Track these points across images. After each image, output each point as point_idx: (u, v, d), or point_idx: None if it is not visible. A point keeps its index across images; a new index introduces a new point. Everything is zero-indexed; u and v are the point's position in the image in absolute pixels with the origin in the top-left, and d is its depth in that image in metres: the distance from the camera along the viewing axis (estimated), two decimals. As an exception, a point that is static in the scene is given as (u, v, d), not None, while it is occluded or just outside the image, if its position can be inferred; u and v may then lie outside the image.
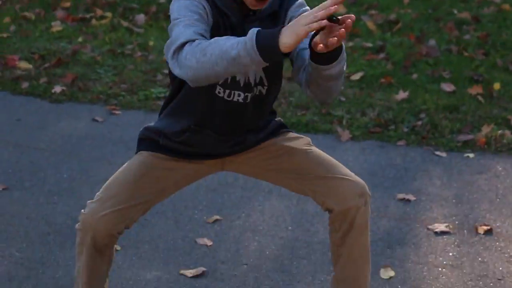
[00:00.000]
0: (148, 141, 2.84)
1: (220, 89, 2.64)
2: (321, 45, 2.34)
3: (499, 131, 4.54)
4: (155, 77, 5.52)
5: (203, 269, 3.45)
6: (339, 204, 2.76)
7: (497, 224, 3.76)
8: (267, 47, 2.28)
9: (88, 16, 6.67)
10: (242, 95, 2.66)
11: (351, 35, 6.00)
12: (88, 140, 4.70)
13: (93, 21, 6.56)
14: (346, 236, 2.81)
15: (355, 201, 2.75)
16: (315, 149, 2.85)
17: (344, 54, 2.51)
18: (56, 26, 6.47)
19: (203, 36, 2.45)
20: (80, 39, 6.21)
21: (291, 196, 3.97)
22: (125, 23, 6.48)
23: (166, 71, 5.42)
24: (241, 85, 2.64)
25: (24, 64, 5.72)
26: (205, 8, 2.54)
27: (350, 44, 5.88)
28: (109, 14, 6.66)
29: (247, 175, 3.02)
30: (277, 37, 2.26)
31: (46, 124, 4.93)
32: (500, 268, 3.45)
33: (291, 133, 2.90)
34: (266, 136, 2.84)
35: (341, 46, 2.46)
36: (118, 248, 3.45)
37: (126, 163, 2.87)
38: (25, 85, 5.43)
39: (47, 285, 3.40)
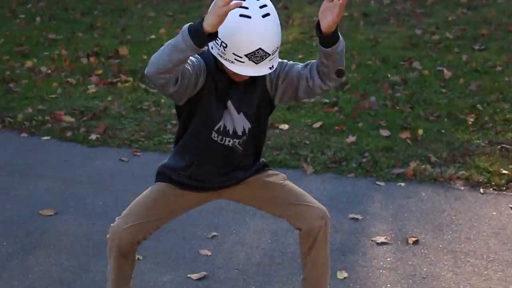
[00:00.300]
0: (164, 175, 2.84)
1: (215, 134, 2.67)
2: (335, 15, 2.36)
3: (423, 166, 4.56)
4: (166, 126, 5.51)
5: (205, 273, 3.48)
6: (305, 224, 2.80)
7: (422, 236, 3.79)
8: (194, 30, 2.28)
9: (115, 80, 6.66)
10: (231, 141, 2.69)
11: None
12: (117, 175, 4.72)
13: (119, 84, 6.55)
14: (311, 248, 2.84)
15: (317, 223, 2.79)
16: (288, 182, 2.89)
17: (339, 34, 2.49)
18: (91, 89, 6.47)
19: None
20: (109, 98, 6.19)
21: (269, 217, 3.97)
22: (143, 86, 6.47)
23: (174, 122, 5.47)
24: (230, 133, 2.67)
25: (68, 118, 5.71)
26: (200, 64, 2.52)
27: (312, 100, 5.85)
28: (130, 79, 6.65)
29: (237, 202, 3.05)
30: (201, 20, 2.26)
31: (85, 163, 4.93)
32: (425, 269, 3.48)
33: (271, 170, 2.92)
34: (252, 173, 2.86)
35: (336, 28, 2.45)
36: (141, 257, 3.46)
37: (146, 191, 2.88)
38: (69, 134, 5.43)
39: (88, 286, 3.42)
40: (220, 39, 2.40)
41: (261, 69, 2.45)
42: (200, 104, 2.61)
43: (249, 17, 2.37)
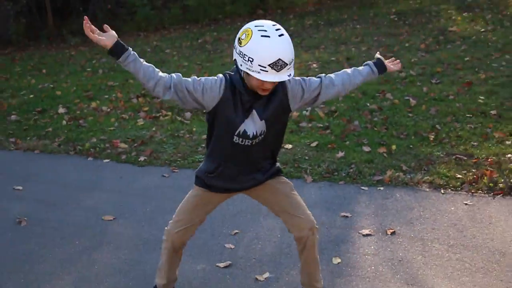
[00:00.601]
0: (200, 179, 2.77)
1: (236, 138, 2.59)
2: (398, 66, 2.88)
3: (396, 174, 4.53)
4: (197, 149, 5.50)
5: (229, 262, 3.47)
6: (296, 232, 2.79)
7: (398, 228, 3.76)
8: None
9: (158, 115, 6.68)
10: (250, 142, 2.61)
11: (309, 119, 6.01)
12: (160, 188, 4.71)
13: (161, 118, 6.57)
14: (302, 250, 2.83)
15: (305, 233, 2.76)
16: (291, 193, 2.82)
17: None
18: (140, 122, 6.50)
19: (176, 85, 2.50)
20: (153, 129, 6.20)
21: (279, 218, 3.98)
22: (179, 118, 6.48)
23: (204, 145, 5.47)
24: (250, 136, 2.59)
25: (122, 145, 5.74)
26: (220, 86, 2.52)
27: (310, 125, 5.86)
28: (169, 113, 6.66)
29: (253, 198, 2.92)
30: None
31: (135, 179, 4.94)
32: (400, 254, 3.45)
33: (282, 178, 2.85)
34: (268, 177, 2.78)
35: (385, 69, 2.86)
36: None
37: (187, 195, 2.84)
38: (123, 157, 5.46)
39: (140, 276, 3.40)
40: (247, 55, 2.40)
41: (282, 76, 2.43)
42: (221, 114, 2.55)
43: (268, 36, 2.39)
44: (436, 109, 5.95)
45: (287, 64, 2.42)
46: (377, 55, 2.91)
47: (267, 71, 2.39)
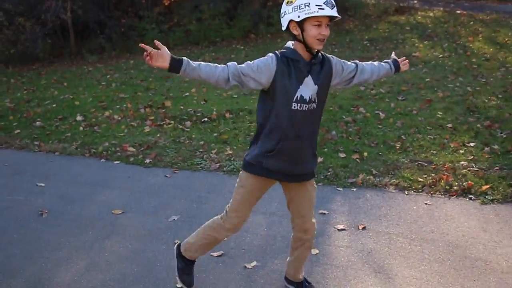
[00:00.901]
0: (255, 166, 2.55)
1: (294, 104, 2.43)
2: (406, 66, 2.83)
3: (368, 177, 4.52)
4: (195, 153, 5.44)
5: (222, 252, 3.42)
6: (301, 234, 2.75)
7: (368, 224, 3.74)
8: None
9: (162, 123, 6.62)
10: (306, 106, 2.45)
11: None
12: (163, 186, 4.65)
13: (164, 126, 6.51)
14: (298, 248, 2.80)
15: (305, 237, 2.74)
16: (314, 198, 2.70)
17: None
18: (147, 129, 6.43)
19: (234, 73, 2.39)
20: (158, 135, 6.14)
21: (266, 213, 3.94)
22: (180, 126, 6.43)
23: (202, 150, 5.45)
24: (307, 100, 2.44)
25: (131, 149, 5.67)
26: (271, 62, 2.40)
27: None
28: (172, 122, 6.60)
29: (284, 190, 2.72)
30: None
31: (142, 178, 4.87)
32: (370, 246, 3.43)
33: (313, 180, 2.69)
34: (309, 176, 2.63)
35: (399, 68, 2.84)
36: (177, 241, 3.39)
37: (241, 184, 2.62)
38: (131, 159, 5.39)
39: (145, 262, 3.35)
40: (302, 3, 2.33)
41: (335, 13, 2.36)
42: (279, 85, 2.41)
43: None
44: (401, 122, 5.96)
45: (334, 6, 2.37)
46: (393, 55, 2.90)
47: (323, 9, 2.32)
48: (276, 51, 2.47)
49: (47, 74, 11.13)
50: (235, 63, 2.44)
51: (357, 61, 2.72)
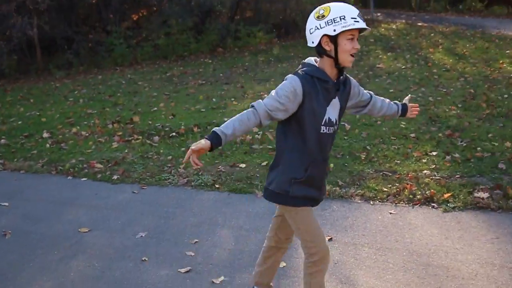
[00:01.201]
0: (294, 197, 2.39)
1: (323, 128, 2.36)
2: (414, 115, 2.82)
3: (333, 188, 4.51)
4: (164, 168, 5.38)
5: (189, 268, 3.37)
6: (283, 236, 2.73)
7: (334, 235, 3.73)
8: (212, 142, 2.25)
9: (130, 138, 6.54)
10: (333, 129, 2.40)
11: (261, 141, 5.95)
12: (131, 202, 4.58)
13: (133, 141, 6.43)
14: (276, 253, 2.79)
15: (286, 245, 2.77)
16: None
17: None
18: (114, 144, 6.34)
19: (263, 115, 2.26)
20: (126, 151, 6.06)
21: (233, 227, 3.91)
22: (148, 142, 6.36)
23: (170, 165, 5.39)
24: (334, 123, 2.39)
25: (98, 165, 5.58)
26: (295, 90, 2.26)
27: (261, 146, 5.78)
28: (140, 137, 6.52)
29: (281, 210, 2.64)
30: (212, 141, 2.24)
31: (109, 195, 4.80)
32: (336, 257, 3.42)
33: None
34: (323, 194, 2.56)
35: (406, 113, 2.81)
36: (146, 259, 3.35)
37: (302, 217, 2.46)
38: (99, 175, 5.30)
39: (111, 281, 3.25)
40: (337, 17, 2.26)
41: (365, 25, 2.32)
42: (308, 108, 2.30)
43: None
44: (366, 133, 6.02)
45: (363, 20, 2.33)
46: (406, 100, 2.83)
47: (358, 21, 2.27)
48: (298, 71, 2.34)
49: (12, 91, 10.90)
50: (260, 102, 2.30)
51: (371, 92, 2.68)
